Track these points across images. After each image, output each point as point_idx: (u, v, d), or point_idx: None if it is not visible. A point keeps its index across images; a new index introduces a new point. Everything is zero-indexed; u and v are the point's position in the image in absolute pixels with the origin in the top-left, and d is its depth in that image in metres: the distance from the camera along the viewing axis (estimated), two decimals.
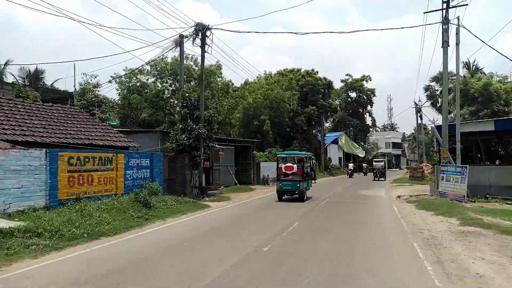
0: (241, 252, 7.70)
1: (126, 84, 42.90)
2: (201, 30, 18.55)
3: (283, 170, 17.98)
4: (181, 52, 19.64)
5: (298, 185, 17.58)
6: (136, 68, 42.41)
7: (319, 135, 51.61)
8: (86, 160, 12.34)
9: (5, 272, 6.36)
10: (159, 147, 19.44)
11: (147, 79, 43.28)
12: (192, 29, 18.83)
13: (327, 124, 60.49)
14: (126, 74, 43.55)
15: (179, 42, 19.16)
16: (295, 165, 17.92)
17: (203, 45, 19.09)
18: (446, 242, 8.83)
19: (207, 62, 36.94)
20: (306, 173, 18.47)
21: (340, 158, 58.48)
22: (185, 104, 18.78)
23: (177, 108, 19.65)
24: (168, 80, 42.70)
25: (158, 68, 41.79)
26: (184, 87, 20.57)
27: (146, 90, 42.15)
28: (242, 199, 18.69)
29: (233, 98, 40.87)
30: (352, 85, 66.93)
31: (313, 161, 22.67)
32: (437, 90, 43.11)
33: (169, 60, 41.22)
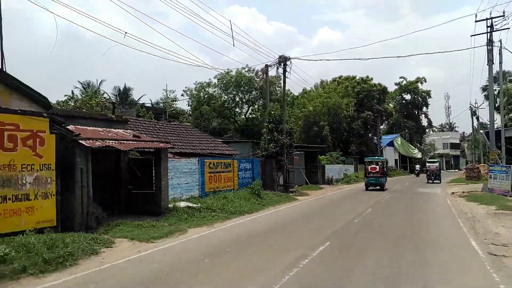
0: (341, 222, 12.29)
1: (196, 96, 49.29)
2: (283, 61, 23.48)
3: (369, 170, 25.74)
4: (266, 78, 24.79)
5: (380, 180, 25.53)
6: (205, 82, 48.68)
7: (375, 138, 54.67)
8: (217, 164, 17.66)
9: (213, 228, 11.50)
10: (250, 153, 24.60)
11: (214, 91, 49.35)
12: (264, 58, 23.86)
13: (381, 127, 63.06)
14: (196, 87, 50.00)
15: (265, 71, 24.29)
16: (377, 166, 25.67)
17: (284, 72, 24.03)
18: (482, 219, 12.79)
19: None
20: (384, 171, 26.01)
21: (396, 160, 60.75)
22: (271, 120, 23.79)
23: (264, 123, 24.64)
24: (232, 92, 48.53)
25: (224, 81, 47.78)
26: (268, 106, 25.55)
27: (213, 101, 48.16)
28: (318, 194, 23.28)
29: (299, 108, 45.45)
30: (406, 88, 68.73)
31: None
32: (495, 90, 44.36)
33: (233, 73, 47.14)
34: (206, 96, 49.16)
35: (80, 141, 10.29)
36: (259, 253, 8.17)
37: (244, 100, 49.93)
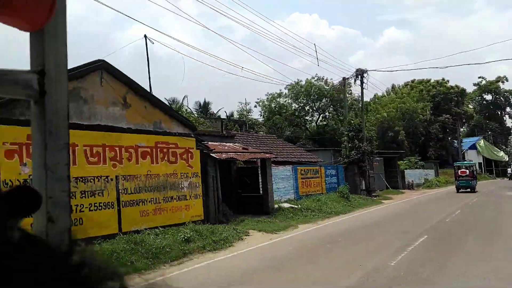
0: (433, 221, 13.56)
1: (268, 107, 51.98)
2: (360, 74, 25.08)
3: (459, 174, 27.53)
4: (344, 90, 26.50)
5: (470, 182, 27.13)
6: (276, 93, 51.20)
7: (455, 141, 52.74)
8: (307, 171, 19.81)
9: (317, 225, 13.56)
10: (332, 160, 26.36)
11: (285, 101, 51.66)
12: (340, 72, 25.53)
13: (461, 129, 60.34)
14: (267, 98, 52.76)
15: (343, 83, 26.05)
16: (467, 170, 27.39)
17: (361, 84, 25.59)
18: None
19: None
20: (474, 175, 27.51)
21: (480, 164, 57.64)
22: (351, 129, 25.43)
23: (344, 132, 26.35)
24: (303, 100, 50.42)
25: (295, 91, 49.87)
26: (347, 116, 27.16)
27: (284, 110, 50.43)
28: (402, 198, 24.27)
29: (373, 115, 46.12)
30: (486, 88, 65.02)
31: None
32: None
33: (303, 82, 49.14)
34: (277, 106, 51.74)
35: (212, 154, 13.13)
36: (367, 242, 10.08)
37: (314, 108, 51.63)
